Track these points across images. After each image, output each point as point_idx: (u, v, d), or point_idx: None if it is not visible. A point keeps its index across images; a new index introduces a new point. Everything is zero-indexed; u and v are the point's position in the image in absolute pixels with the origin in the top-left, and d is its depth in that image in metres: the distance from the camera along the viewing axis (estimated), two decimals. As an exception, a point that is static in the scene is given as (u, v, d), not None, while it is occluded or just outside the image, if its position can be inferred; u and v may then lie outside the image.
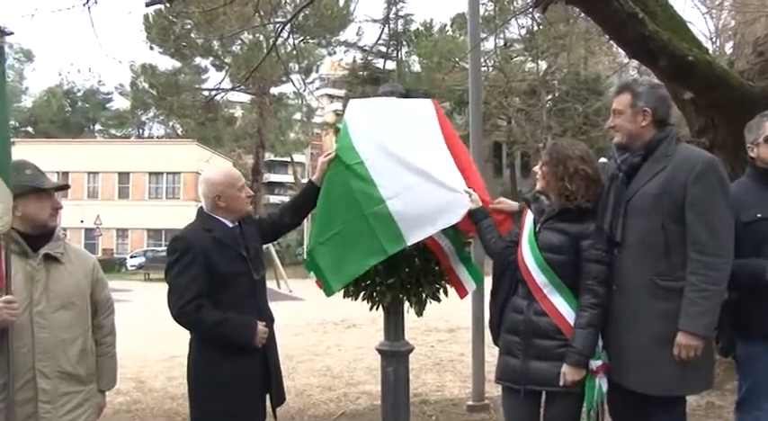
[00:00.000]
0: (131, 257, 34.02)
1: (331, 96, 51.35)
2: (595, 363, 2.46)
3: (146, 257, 32.35)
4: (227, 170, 2.83)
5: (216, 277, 2.61)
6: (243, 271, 2.69)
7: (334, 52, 33.54)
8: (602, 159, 2.84)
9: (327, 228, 2.93)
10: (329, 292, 3.00)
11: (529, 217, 2.72)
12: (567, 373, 2.45)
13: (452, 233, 3.65)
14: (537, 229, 2.65)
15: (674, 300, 2.34)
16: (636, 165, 2.52)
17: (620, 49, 5.09)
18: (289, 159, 50.13)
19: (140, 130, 52.25)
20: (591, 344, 2.45)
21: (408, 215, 2.87)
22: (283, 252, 31.61)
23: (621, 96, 2.61)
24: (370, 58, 31.41)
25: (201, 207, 2.80)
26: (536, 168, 2.73)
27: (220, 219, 2.75)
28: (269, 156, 48.33)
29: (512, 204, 2.97)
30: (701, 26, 28.81)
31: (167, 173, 38.01)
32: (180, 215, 35.20)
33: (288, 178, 54.97)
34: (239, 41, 31.25)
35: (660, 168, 2.46)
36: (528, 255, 2.60)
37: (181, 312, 2.56)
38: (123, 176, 37.84)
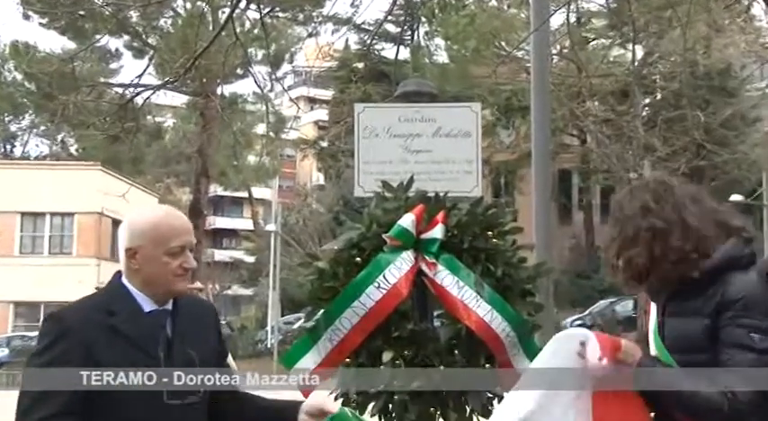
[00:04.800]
0: (-12, 348, 33.88)
1: (312, 99, 51.88)
2: None
3: (9, 348, 32.36)
4: (165, 216, 2.73)
5: (97, 392, 2.50)
6: (145, 388, 2.54)
7: (318, 32, 33.92)
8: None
9: None
10: None
11: (653, 305, 2.76)
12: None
13: (514, 312, 3.70)
14: (659, 320, 2.68)
15: None
16: None
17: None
18: (246, 194, 50.35)
19: (8, 147, 52.75)
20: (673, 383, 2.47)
21: None
22: (235, 338, 31.44)
23: None
24: (372, 41, 31.86)
25: (119, 271, 2.73)
26: None
27: (136, 294, 2.67)
28: (215, 190, 48.69)
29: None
30: None
31: (52, 214, 38.17)
32: (71, 279, 35.08)
33: (244, 223, 55.10)
34: (170, 12, 31.90)
35: None
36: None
37: None
38: (-23, 219, 38.08)
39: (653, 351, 2.64)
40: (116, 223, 39.47)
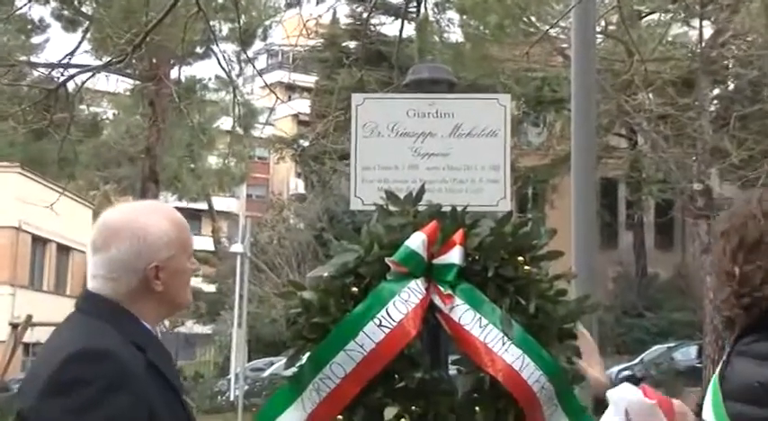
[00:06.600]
0: None
1: (290, 87, 52.08)
2: None
3: None
4: (171, 212, 2.78)
5: None
6: None
7: (299, 2, 34.14)
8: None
9: None
10: None
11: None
12: None
13: (551, 359, 3.71)
14: (726, 359, 2.68)
15: None
16: None
17: None
18: (205, 206, 50.38)
19: None
20: None
21: None
22: (188, 389, 31.26)
23: None
24: (368, 14, 32.02)
25: (93, 293, 2.68)
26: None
27: (142, 320, 2.66)
28: (167, 199, 48.58)
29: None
30: None
31: (-45, 228, 38.11)
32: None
33: (202, 242, 55.07)
34: (112, -27, 31.99)
35: None
36: (708, 413, 2.62)
37: None
38: None
39: (707, 401, 2.63)
40: (37, 240, 39.71)
